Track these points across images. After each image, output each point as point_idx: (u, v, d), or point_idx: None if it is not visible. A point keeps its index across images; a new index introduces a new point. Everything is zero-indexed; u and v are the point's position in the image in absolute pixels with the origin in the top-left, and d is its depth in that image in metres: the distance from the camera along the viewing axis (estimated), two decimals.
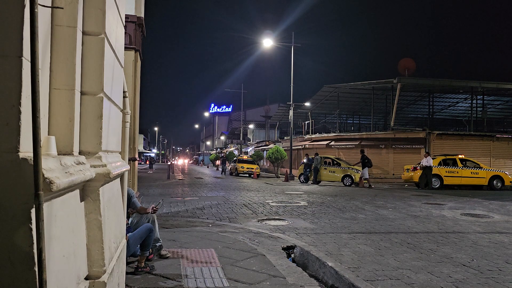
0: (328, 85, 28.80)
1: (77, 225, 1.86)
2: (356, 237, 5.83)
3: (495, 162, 22.14)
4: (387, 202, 10.73)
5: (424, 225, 7.06)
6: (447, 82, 25.84)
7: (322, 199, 11.53)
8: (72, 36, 1.89)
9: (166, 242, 4.92)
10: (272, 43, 25.12)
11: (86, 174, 1.82)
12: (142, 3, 8.40)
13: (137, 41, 8.24)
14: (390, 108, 26.44)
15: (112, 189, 2.51)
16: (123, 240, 2.88)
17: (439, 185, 17.24)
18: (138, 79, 8.80)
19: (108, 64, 2.23)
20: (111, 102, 2.40)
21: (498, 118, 35.36)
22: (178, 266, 4.04)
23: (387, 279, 3.82)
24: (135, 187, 9.00)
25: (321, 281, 4.06)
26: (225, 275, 3.78)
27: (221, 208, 8.96)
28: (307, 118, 35.40)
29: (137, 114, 8.79)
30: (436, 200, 11.69)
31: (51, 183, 1.41)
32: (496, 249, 5.22)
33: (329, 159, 20.58)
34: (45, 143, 1.65)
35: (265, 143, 41.43)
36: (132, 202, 4.09)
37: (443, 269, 4.19)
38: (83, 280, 1.90)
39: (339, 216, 8.00)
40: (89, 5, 2.06)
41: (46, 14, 1.72)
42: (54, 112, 1.85)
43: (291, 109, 24.90)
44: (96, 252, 2.02)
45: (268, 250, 4.85)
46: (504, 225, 7.22)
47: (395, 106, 24.25)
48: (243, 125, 50.24)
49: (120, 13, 2.72)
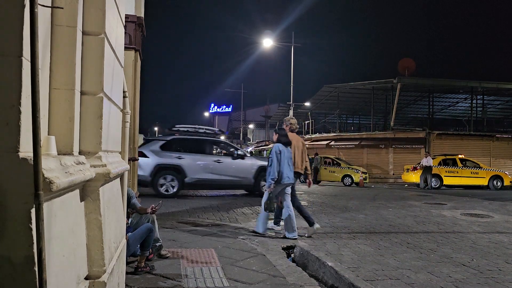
0: (328, 85, 28.81)
1: (77, 225, 1.86)
2: (356, 237, 5.83)
3: (495, 162, 22.16)
4: (387, 202, 10.74)
5: (424, 225, 7.07)
6: (447, 82, 25.86)
7: (322, 199, 11.53)
8: (72, 36, 1.89)
9: (166, 242, 4.92)
10: (272, 43, 25.13)
11: (86, 174, 1.82)
12: (142, 3, 8.40)
13: (137, 41, 8.24)
14: (390, 108, 26.45)
15: (112, 189, 2.51)
16: (123, 240, 2.88)
17: (439, 185, 17.25)
18: (138, 79, 8.80)
19: (108, 64, 2.23)
20: (111, 102, 2.40)
21: (498, 118, 35.37)
22: (178, 266, 4.04)
23: (387, 279, 3.82)
24: (135, 187, 9.00)
25: (321, 281, 4.06)
26: (225, 275, 3.78)
27: (221, 208, 8.96)
28: (307, 118, 35.40)
29: (137, 114, 8.78)
30: (436, 200, 11.69)
31: (51, 183, 1.41)
32: (496, 249, 5.22)
33: (329, 159, 20.59)
34: (45, 143, 1.65)
35: (265, 143, 41.45)
36: (132, 202, 4.08)
37: (443, 269, 4.19)
38: (83, 280, 1.90)
39: (339, 216, 8.00)
40: (89, 5, 2.06)
41: (46, 14, 1.72)
42: (54, 112, 1.85)
43: (291, 109, 24.93)
44: (96, 252, 2.02)
45: (268, 250, 4.85)
46: (504, 225, 7.22)
47: (395, 106, 24.26)
48: (243, 125, 50.27)
49: (120, 13, 2.72)
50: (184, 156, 10.97)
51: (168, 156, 10.90)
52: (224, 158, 11.52)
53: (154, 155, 10.82)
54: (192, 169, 10.91)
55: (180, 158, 10.91)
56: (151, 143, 11.21)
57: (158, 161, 10.74)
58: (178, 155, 10.97)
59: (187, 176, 10.85)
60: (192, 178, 10.90)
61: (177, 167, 10.82)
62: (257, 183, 11.38)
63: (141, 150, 10.41)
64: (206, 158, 11.25)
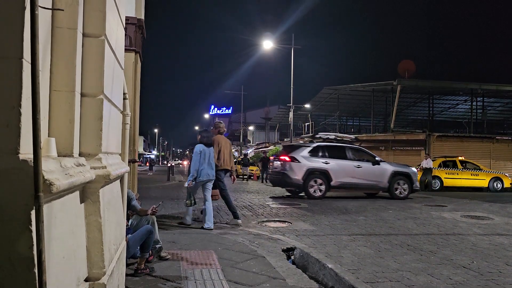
0: (328, 87, 28.84)
1: (77, 226, 1.86)
2: (356, 239, 5.83)
3: (495, 164, 22.14)
4: (387, 204, 10.73)
5: (424, 227, 7.06)
6: (447, 84, 25.88)
7: (322, 200, 11.52)
8: (73, 38, 1.90)
9: (166, 244, 4.91)
10: (272, 45, 25.13)
11: (86, 176, 1.82)
12: (142, 5, 8.42)
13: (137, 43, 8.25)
14: (390, 110, 26.46)
15: (112, 191, 2.51)
16: (123, 241, 2.87)
17: (439, 186, 17.23)
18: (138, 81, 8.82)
19: (108, 65, 2.24)
20: (111, 104, 2.40)
21: (498, 120, 35.38)
22: (178, 268, 4.03)
23: (387, 281, 3.82)
24: (135, 189, 8.99)
25: (321, 283, 4.05)
26: (225, 277, 3.78)
27: (221, 209, 8.96)
28: (307, 120, 35.41)
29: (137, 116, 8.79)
30: (436, 202, 11.68)
31: (51, 185, 1.41)
32: (496, 251, 5.21)
33: None
34: (45, 144, 1.65)
35: (265, 144, 41.43)
36: (132, 204, 4.08)
37: (443, 271, 4.18)
38: (83, 281, 1.90)
39: (339, 218, 8.00)
40: (89, 7, 2.06)
41: (47, 16, 1.72)
42: (54, 113, 1.85)
43: (291, 111, 24.91)
44: (96, 253, 2.02)
45: (268, 252, 4.84)
46: (504, 227, 7.22)
47: (395, 108, 24.28)
48: (243, 126, 50.25)
49: (121, 15, 2.73)
50: (329, 161, 12.05)
51: (316, 162, 11.99)
52: (363, 163, 12.41)
53: (305, 160, 11.98)
54: (337, 173, 11.94)
55: (326, 163, 12.01)
56: (300, 149, 12.34)
57: (309, 166, 11.84)
58: (325, 160, 12.06)
59: (333, 179, 11.90)
60: (337, 182, 11.95)
61: (324, 171, 11.89)
62: (391, 186, 12.38)
63: (293, 156, 12.01)
64: (348, 163, 12.24)
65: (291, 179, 11.88)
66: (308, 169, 11.75)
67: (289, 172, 11.93)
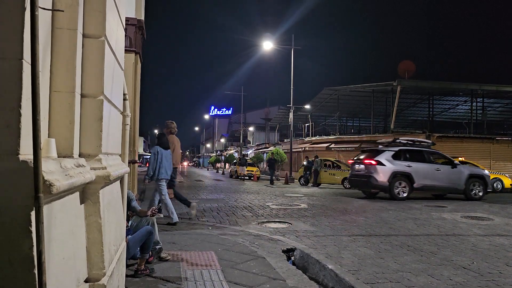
0: (328, 87, 28.84)
1: (77, 227, 1.86)
2: (356, 240, 5.82)
3: (495, 164, 22.14)
4: (387, 205, 10.72)
5: (424, 227, 7.06)
6: (447, 84, 25.87)
7: (322, 201, 11.52)
8: (73, 39, 1.90)
9: (166, 244, 4.91)
10: (272, 46, 25.16)
11: (86, 177, 1.82)
12: (142, 6, 8.43)
13: (137, 43, 8.26)
14: (390, 111, 26.47)
15: (112, 192, 2.51)
16: (123, 242, 2.87)
17: None
18: (138, 82, 8.82)
19: (108, 66, 2.24)
20: (111, 105, 2.40)
21: (498, 121, 35.37)
22: (178, 268, 4.03)
23: (387, 282, 3.81)
24: (135, 190, 8.99)
25: (321, 283, 4.05)
26: (225, 278, 3.77)
27: (221, 210, 8.96)
28: (307, 120, 35.42)
29: (137, 117, 8.80)
30: (436, 202, 11.68)
31: (51, 186, 1.41)
32: (496, 251, 5.21)
33: (329, 162, 20.60)
34: (45, 145, 1.65)
35: (265, 145, 41.45)
36: (132, 205, 4.08)
37: (443, 272, 4.18)
38: (82, 282, 1.90)
39: (339, 218, 7.99)
40: (89, 7, 2.06)
41: (47, 16, 1.73)
42: (54, 114, 1.85)
43: (291, 112, 24.92)
44: (96, 254, 2.01)
45: (268, 253, 4.84)
46: (504, 227, 7.21)
47: (395, 108, 24.28)
48: (243, 127, 50.27)
49: (121, 15, 2.73)
50: (412, 164, 12.48)
51: (399, 165, 12.45)
52: (442, 166, 12.83)
53: (389, 164, 12.45)
54: (418, 176, 12.38)
55: (409, 166, 12.44)
56: (384, 153, 12.77)
57: (393, 169, 12.31)
58: (408, 163, 12.49)
59: (415, 182, 12.34)
60: (419, 184, 12.39)
61: (407, 174, 12.35)
62: (467, 188, 12.74)
63: (378, 159, 12.52)
64: (429, 166, 12.65)
65: (377, 182, 12.32)
66: (393, 172, 12.22)
67: (375, 175, 12.36)
